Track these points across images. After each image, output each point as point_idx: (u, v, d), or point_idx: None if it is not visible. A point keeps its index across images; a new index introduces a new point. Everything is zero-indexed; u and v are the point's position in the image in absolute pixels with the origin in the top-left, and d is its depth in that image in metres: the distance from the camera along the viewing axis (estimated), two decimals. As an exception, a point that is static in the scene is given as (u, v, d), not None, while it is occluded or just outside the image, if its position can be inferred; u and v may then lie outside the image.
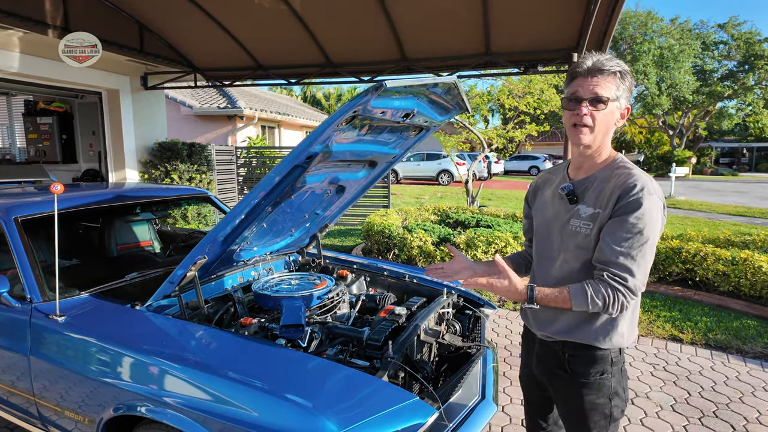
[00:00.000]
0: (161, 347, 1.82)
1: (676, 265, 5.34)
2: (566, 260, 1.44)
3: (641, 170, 1.37)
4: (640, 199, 1.28)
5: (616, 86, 1.33)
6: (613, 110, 1.36)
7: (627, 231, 1.28)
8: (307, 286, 2.50)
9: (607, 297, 1.29)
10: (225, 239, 2.13)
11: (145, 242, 3.56)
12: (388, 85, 1.53)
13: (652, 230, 1.28)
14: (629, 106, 1.41)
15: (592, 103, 1.33)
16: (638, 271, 1.29)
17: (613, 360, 1.45)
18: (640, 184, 1.30)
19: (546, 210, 1.54)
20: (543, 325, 1.53)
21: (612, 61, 1.34)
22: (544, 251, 1.54)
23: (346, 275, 2.88)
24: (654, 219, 1.29)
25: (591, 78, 1.33)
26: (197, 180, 7.41)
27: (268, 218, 2.30)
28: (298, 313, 2.17)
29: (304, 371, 1.72)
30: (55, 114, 7.61)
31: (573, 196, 1.42)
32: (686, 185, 19.97)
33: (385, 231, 6.37)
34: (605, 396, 1.46)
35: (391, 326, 2.11)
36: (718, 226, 9.75)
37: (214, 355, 1.80)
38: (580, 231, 1.38)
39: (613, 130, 1.39)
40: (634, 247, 1.28)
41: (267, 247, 2.74)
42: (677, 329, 4.22)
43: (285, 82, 6.96)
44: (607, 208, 1.33)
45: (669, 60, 24.38)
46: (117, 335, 1.93)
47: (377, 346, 1.99)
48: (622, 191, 1.31)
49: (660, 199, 1.32)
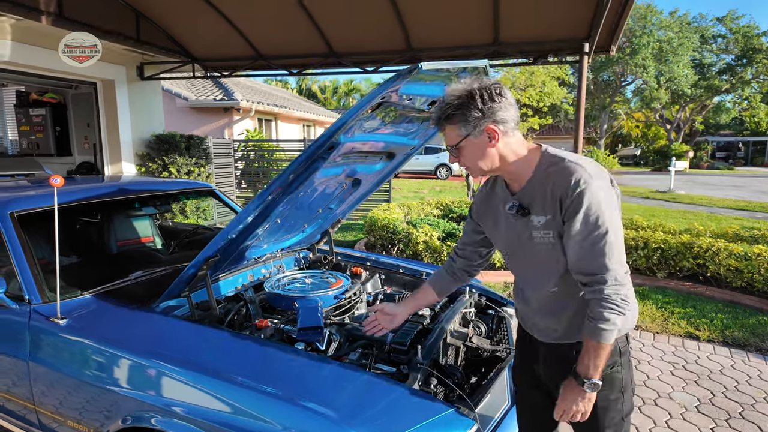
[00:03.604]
0: (172, 352, 1.69)
1: (687, 260, 5.25)
2: (550, 271, 1.41)
3: (571, 156, 1.34)
4: (582, 194, 1.25)
5: (462, 123, 1.32)
6: (474, 142, 1.33)
7: (583, 231, 1.26)
8: (322, 285, 2.37)
9: (610, 309, 1.27)
10: (237, 237, 2.00)
11: (146, 238, 3.40)
12: (424, 67, 1.39)
13: (607, 215, 1.26)
14: (496, 121, 1.31)
15: (452, 151, 1.39)
16: (612, 261, 1.26)
17: (621, 350, 1.42)
18: (574, 177, 1.26)
19: (503, 231, 1.50)
20: (548, 334, 1.49)
21: (449, 103, 1.32)
22: (523, 272, 1.53)
23: (360, 273, 2.75)
24: (604, 203, 1.26)
25: (441, 129, 1.38)
26: (196, 173, 7.24)
27: (282, 214, 2.17)
28: (316, 314, 2.04)
29: (329, 379, 1.59)
30: (48, 105, 7.39)
31: (523, 210, 1.39)
32: (684, 179, 19.94)
33: (389, 226, 6.23)
34: (618, 390, 1.42)
35: (416, 328, 1.98)
36: (720, 220, 9.69)
37: (230, 361, 1.67)
38: (544, 241, 1.36)
39: (500, 145, 1.34)
40: (597, 244, 1.25)
41: (278, 244, 2.60)
42: (693, 326, 4.13)
43: (286, 73, 6.78)
44: (555, 212, 1.31)
45: (668, 53, 24.27)
46: (123, 339, 1.79)
47: (403, 350, 1.86)
48: (562, 193, 1.28)
49: (600, 178, 1.29)
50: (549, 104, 11.08)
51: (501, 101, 1.30)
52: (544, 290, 1.44)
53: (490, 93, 1.29)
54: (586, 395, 1.34)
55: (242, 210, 1.78)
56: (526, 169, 1.37)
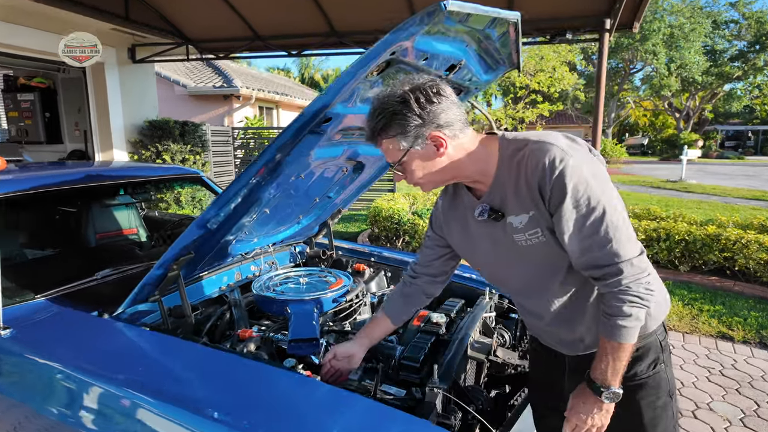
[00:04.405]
0: (130, 374, 1.36)
1: (713, 253, 4.90)
2: (550, 275, 1.20)
3: (534, 135, 1.14)
4: (562, 175, 1.05)
5: (401, 136, 1.11)
6: (418, 154, 1.13)
7: (578, 220, 1.06)
8: (319, 286, 2.05)
9: (632, 302, 1.07)
10: (218, 229, 1.67)
11: (129, 230, 3.08)
12: (449, 6, 1.04)
13: (599, 192, 1.06)
14: (440, 126, 1.10)
15: (396, 169, 1.18)
16: (621, 245, 1.06)
17: (662, 345, 1.25)
18: (547, 159, 1.06)
19: (477, 243, 1.29)
20: (575, 346, 1.28)
21: (377, 118, 1.11)
22: (515, 284, 1.31)
23: (364, 270, 2.42)
24: (591, 178, 1.06)
25: (376, 144, 1.17)
26: (191, 161, 6.91)
27: (271, 203, 1.84)
28: (310, 322, 1.72)
29: (323, 408, 1.27)
30: (36, 90, 7.05)
31: (496, 214, 1.17)
32: (694, 169, 19.46)
33: (394, 216, 5.94)
34: (666, 393, 1.24)
35: (430, 340, 1.66)
36: (738, 210, 9.31)
37: (202, 386, 1.35)
38: (532, 242, 1.16)
39: (450, 151, 1.13)
40: (598, 230, 1.06)
41: (270, 237, 2.28)
42: (725, 325, 3.80)
43: (285, 54, 6.42)
44: (538, 205, 1.11)
45: (679, 39, 23.65)
46: (75, 356, 1.47)
47: (415, 367, 1.54)
48: (539, 182, 1.08)
49: (577, 151, 1.09)
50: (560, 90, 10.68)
51: (441, 101, 1.09)
52: (549, 299, 1.23)
53: (427, 94, 1.08)
54: (603, 407, 1.13)
55: (218, 197, 1.45)
56: (488, 166, 1.16)
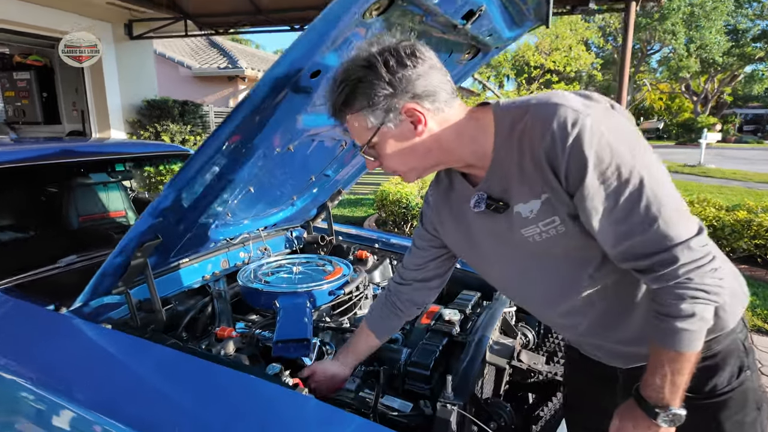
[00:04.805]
0: (78, 385, 1.13)
1: (743, 240, 4.59)
2: (577, 274, 0.94)
3: (536, 98, 0.87)
4: (578, 142, 0.79)
5: (368, 109, 0.88)
6: (392, 133, 0.90)
7: (608, 198, 0.80)
8: (314, 276, 1.80)
9: (695, 298, 0.80)
10: (190, 209, 1.42)
11: (116, 212, 2.85)
12: None
13: (629, 156, 0.79)
14: (417, 96, 0.87)
15: (366, 153, 0.95)
16: (672, 222, 0.79)
17: (746, 347, 0.97)
18: (556, 123, 0.80)
19: (479, 242, 1.04)
20: (628, 357, 1.01)
21: (338, 89, 0.89)
22: (531, 291, 1.05)
23: (366, 258, 2.16)
24: (617, 139, 0.79)
25: (341, 121, 0.94)
26: (191, 142, 6.67)
27: (256, 179, 1.58)
28: (302, 319, 1.47)
29: (311, 428, 1.03)
30: (32, 68, 6.82)
31: (497, 204, 0.93)
32: (712, 153, 18.84)
33: (402, 201, 5.69)
34: (754, 406, 0.98)
35: (442, 342, 1.40)
36: (763, 195, 8.89)
37: (168, 402, 1.11)
38: (549, 235, 0.90)
39: (433, 126, 0.90)
40: (637, 208, 0.79)
41: (260, 221, 2.02)
42: (760, 319, 3.51)
43: (288, 28, 6.10)
44: (551, 186, 0.85)
45: (700, 18, 22.77)
46: (23, 360, 1.24)
47: (424, 375, 1.29)
48: (548, 155, 0.83)
49: (594, 108, 0.81)
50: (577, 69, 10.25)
51: (417, 65, 0.86)
52: (580, 303, 0.97)
53: (399, 56, 0.85)
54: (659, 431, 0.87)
55: (182, 169, 1.19)
56: (482, 144, 0.91)
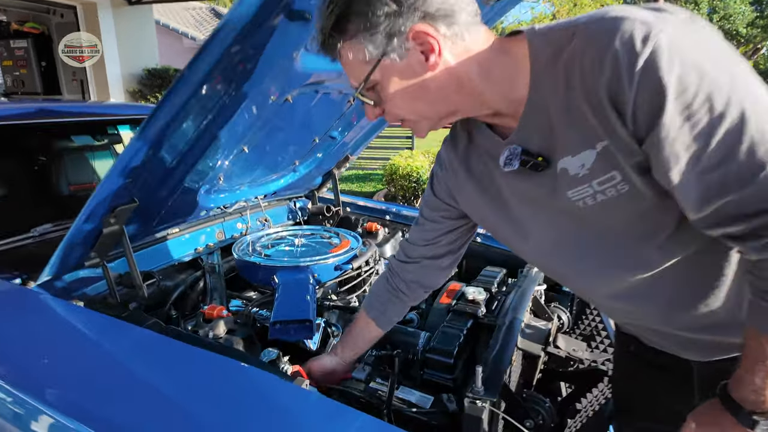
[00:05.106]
0: (38, 376, 0.95)
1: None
2: (627, 252, 0.73)
3: (586, 18, 0.63)
4: (653, 68, 0.55)
5: (366, 35, 0.68)
6: (396, 69, 0.70)
7: (696, 140, 0.57)
8: (319, 249, 1.60)
9: None
10: (172, 166, 1.21)
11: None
12: None
13: (725, 79, 0.56)
14: (429, 15, 0.66)
15: (365, 96, 0.75)
16: None
17: None
18: (618, 45, 0.57)
19: (512, 211, 0.82)
20: (708, 347, 0.82)
21: (328, 9, 0.68)
22: (578, 268, 0.81)
23: (377, 230, 1.96)
24: (706, 58, 0.56)
25: (332, 55, 0.73)
26: (194, 114, 6.45)
27: (249, 136, 1.36)
28: (303, 297, 1.28)
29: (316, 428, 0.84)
30: (30, 36, 6.58)
31: (536, 159, 0.71)
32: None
33: (412, 175, 5.49)
34: None
35: (467, 325, 1.20)
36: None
37: (146, 398, 0.92)
38: (606, 196, 0.68)
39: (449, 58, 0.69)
40: (737, 152, 0.56)
41: (259, 187, 1.82)
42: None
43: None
44: (614, 130, 0.62)
45: (724, -13, 21.85)
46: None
47: (447, 364, 1.09)
48: (609, 86, 0.59)
49: (668, 22, 0.57)
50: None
51: None
52: (645, 282, 0.75)
53: None
54: None
55: (151, 116, 0.98)
56: (515, 83, 0.69)
